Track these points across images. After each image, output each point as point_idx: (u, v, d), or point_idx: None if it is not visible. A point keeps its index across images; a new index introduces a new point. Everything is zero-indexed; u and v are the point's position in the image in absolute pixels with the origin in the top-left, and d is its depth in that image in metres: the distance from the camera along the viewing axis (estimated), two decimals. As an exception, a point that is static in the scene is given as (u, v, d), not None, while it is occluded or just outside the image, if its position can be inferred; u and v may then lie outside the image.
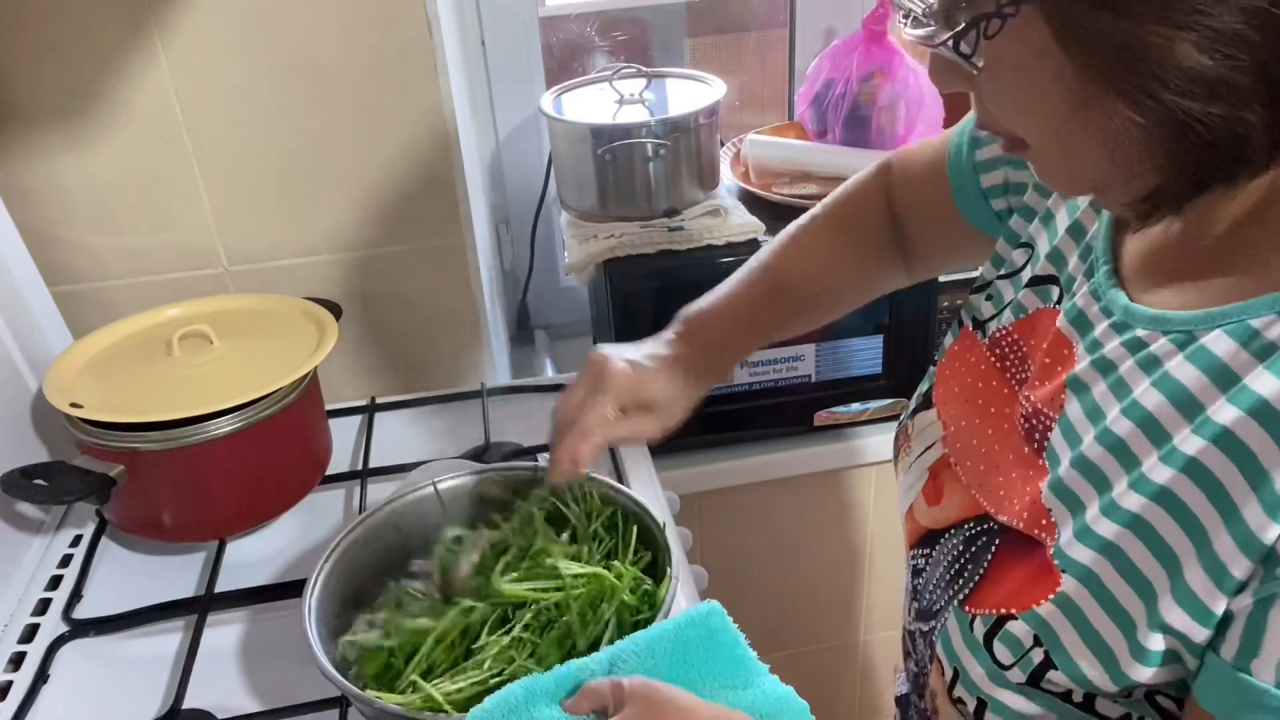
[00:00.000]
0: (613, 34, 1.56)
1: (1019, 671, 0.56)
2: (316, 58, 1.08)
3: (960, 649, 0.60)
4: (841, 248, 0.86)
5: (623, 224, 1.29)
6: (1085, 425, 0.57)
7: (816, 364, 1.34)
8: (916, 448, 0.73)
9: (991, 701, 0.58)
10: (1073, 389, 0.58)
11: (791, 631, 1.57)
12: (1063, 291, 0.64)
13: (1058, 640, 0.54)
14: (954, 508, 0.65)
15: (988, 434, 0.66)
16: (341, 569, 0.79)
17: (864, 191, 0.87)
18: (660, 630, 0.64)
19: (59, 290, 1.13)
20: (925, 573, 0.66)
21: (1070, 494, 0.56)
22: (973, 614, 0.60)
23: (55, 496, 0.92)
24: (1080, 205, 0.65)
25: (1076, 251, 0.64)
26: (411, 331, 1.26)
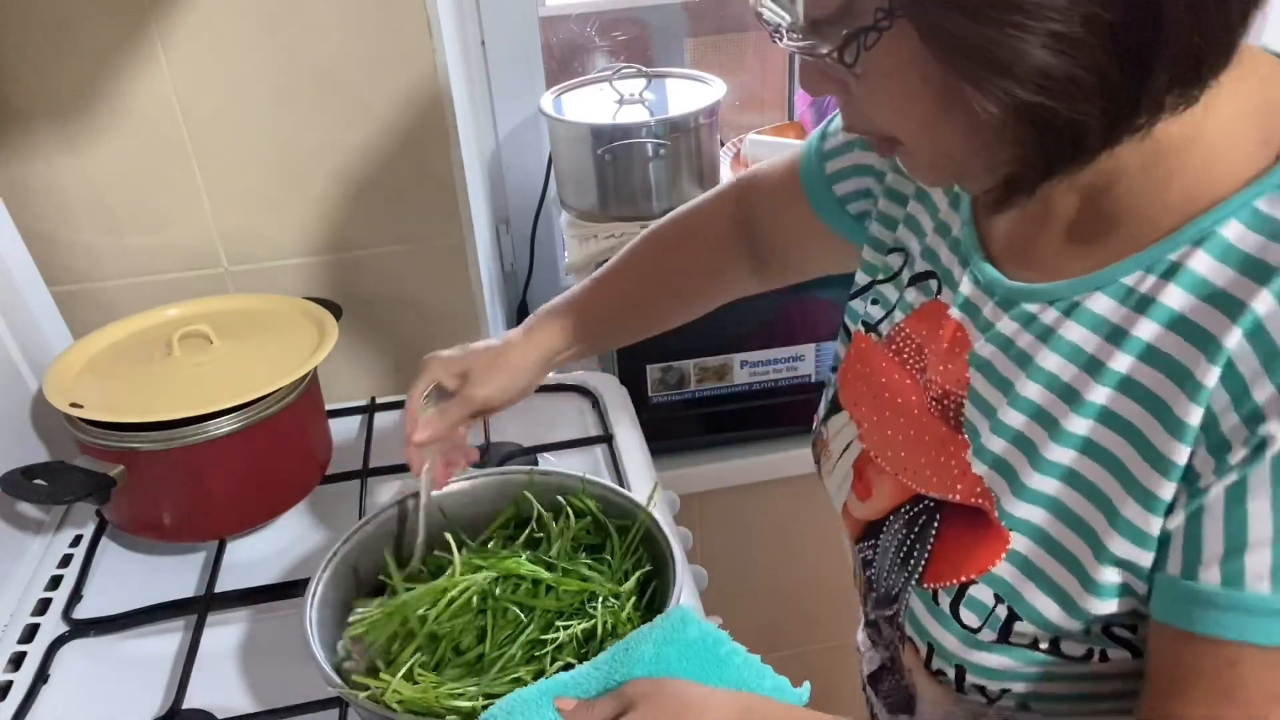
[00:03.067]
0: (613, 34, 1.56)
1: (989, 631, 0.60)
2: (316, 57, 1.08)
3: (929, 623, 0.63)
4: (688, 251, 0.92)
5: (623, 224, 1.29)
6: (995, 395, 0.62)
7: (816, 364, 1.34)
8: (835, 450, 0.77)
9: (969, 666, 0.62)
10: (975, 366, 0.64)
11: (791, 631, 1.57)
12: (941, 283, 0.69)
13: (1018, 594, 0.59)
14: (885, 497, 0.69)
15: (900, 422, 0.70)
16: (340, 576, 0.79)
17: (710, 207, 0.93)
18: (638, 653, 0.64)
19: (59, 290, 1.13)
20: (875, 562, 0.70)
21: (998, 459, 0.61)
22: (933, 588, 0.63)
23: (55, 496, 0.93)
24: (940, 207, 0.71)
25: (946, 246, 0.70)
26: (411, 331, 1.26)
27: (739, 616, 1.07)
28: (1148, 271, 0.55)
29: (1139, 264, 0.55)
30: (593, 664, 0.65)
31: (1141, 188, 0.55)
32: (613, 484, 0.86)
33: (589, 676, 0.64)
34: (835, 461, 0.76)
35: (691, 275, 0.93)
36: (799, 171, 0.84)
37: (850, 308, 0.80)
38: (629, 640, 0.66)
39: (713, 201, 0.93)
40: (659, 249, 0.93)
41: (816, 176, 0.83)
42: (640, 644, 0.65)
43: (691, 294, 0.94)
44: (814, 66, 0.57)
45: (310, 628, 0.73)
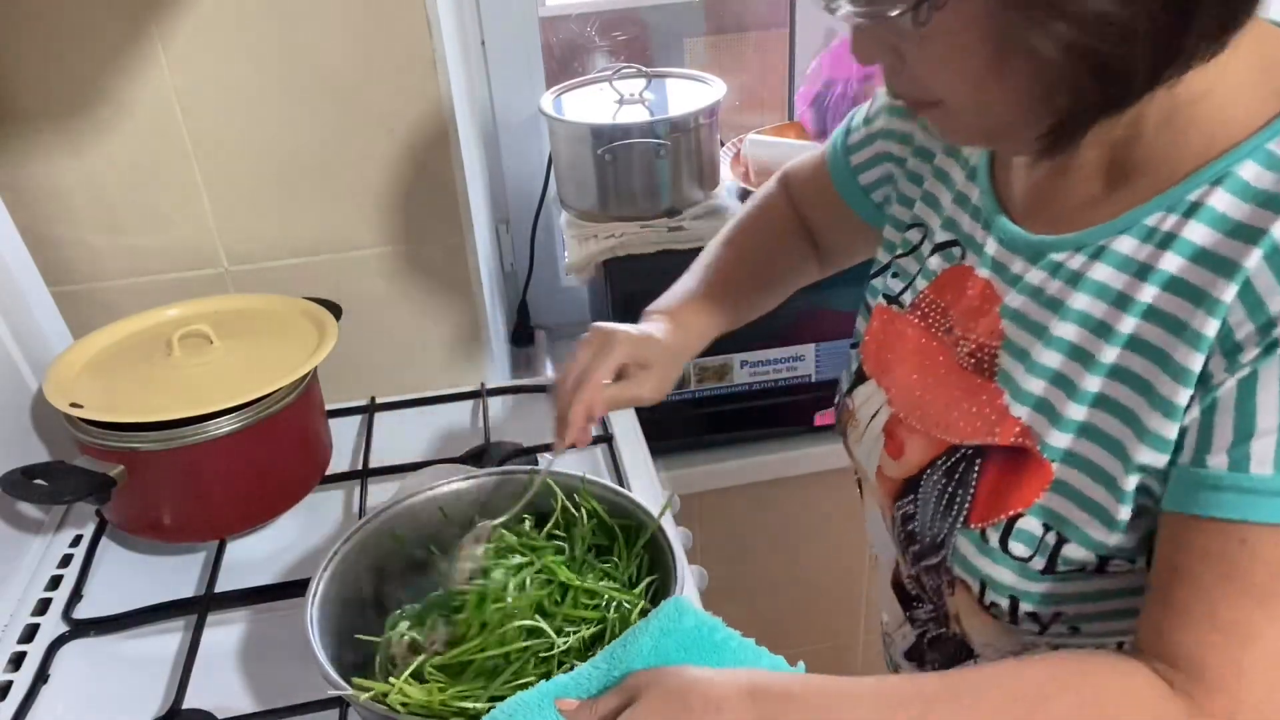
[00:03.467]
0: (613, 34, 1.56)
1: (1040, 559, 0.64)
2: (316, 57, 1.08)
3: (980, 561, 0.67)
4: (761, 254, 0.97)
5: (623, 224, 1.29)
6: (1030, 340, 0.66)
7: (816, 364, 1.34)
8: (863, 418, 0.81)
9: (1022, 595, 0.65)
10: (1008, 317, 0.68)
11: (791, 631, 1.57)
12: (964, 249, 0.74)
13: (1063, 518, 0.63)
14: (918, 453, 0.73)
15: (928, 382, 0.74)
16: (340, 576, 0.79)
17: (769, 204, 0.99)
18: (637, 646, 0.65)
19: (59, 290, 1.13)
20: (917, 515, 0.73)
21: (1038, 399, 0.65)
22: (980, 527, 0.67)
23: (55, 496, 0.93)
24: (957, 180, 0.77)
25: (967, 215, 0.75)
26: (411, 331, 1.26)
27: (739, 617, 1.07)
28: (1169, 211, 0.59)
29: (1160, 205, 0.60)
30: (591, 663, 0.65)
31: (1163, 137, 0.60)
32: (613, 484, 0.86)
33: (589, 676, 0.64)
34: (864, 429, 0.80)
35: (775, 264, 0.98)
36: (827, 165, 0.92)
37: (871, 285, 0.85)
38: (626, 636, 0.66)
39: (769, 199, 0.99)
40: (744, 244, 0.97)
41: (843, 169, 0.90)
42: (638, 637, 0.65)
43: (777, 282, 0.99)
44: (869, 34, 0.60)
45: (311, 627, 0.73)
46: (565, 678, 0.64)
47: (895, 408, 0.77)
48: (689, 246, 1.25)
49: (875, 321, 0.82)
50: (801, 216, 0.97)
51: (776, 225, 0.98)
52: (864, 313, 0.85)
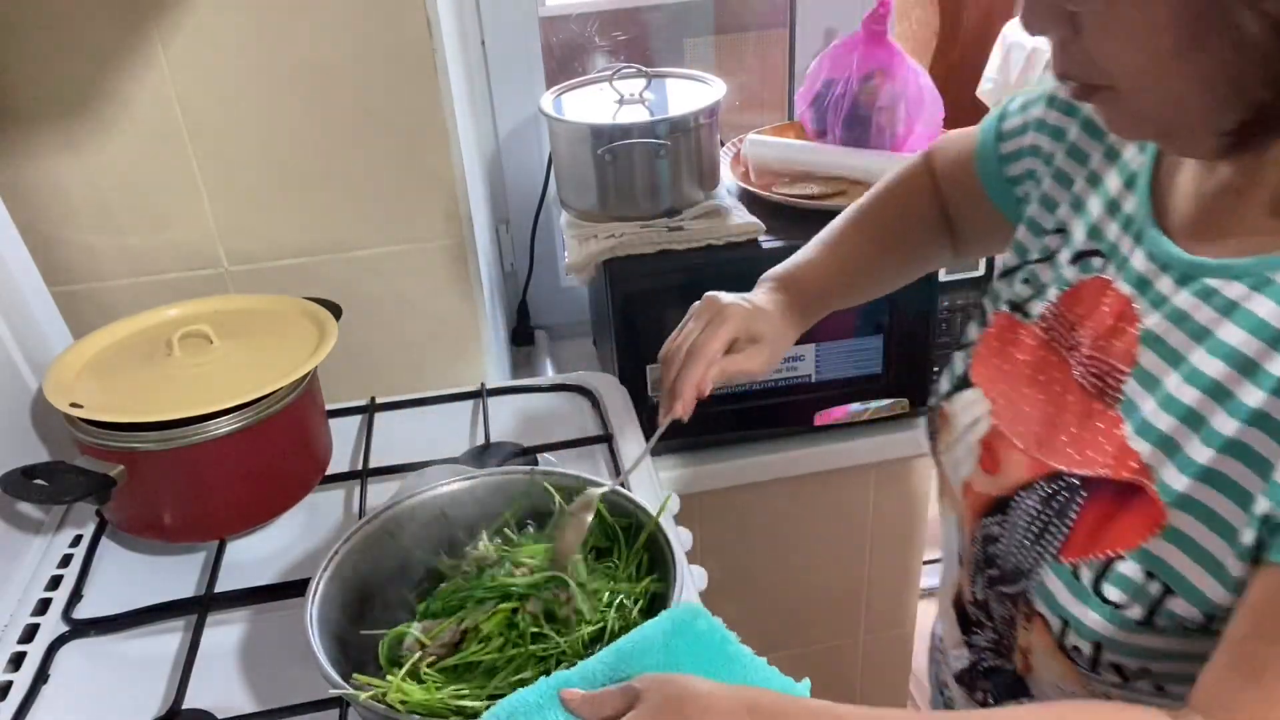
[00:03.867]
0: (613, 34, 1.56)
1: (1138, 608, 0.59)
2: (316, 58, 1.08)
3: (1066, 599, 0.62)
4: (891, 236, 0.94)
5: (623, 224, 1.29)
6: (1164, 369, 0.61)
7: (816, 364, 1.34)
8: (959, 425, 0.76)
9: (1109, 643, 0.61)
10: (1146, 342, 0.63)
11: (791, 631, 1.57)
12: (1106, 261, 0.69)
13: (1170, 567, 0.58)
14: (1015, 472, 0.69)
15: (1039, 400, 0.70)
16: (340, 576, 0.79)
17: (911, 177, 0.94)
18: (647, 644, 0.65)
19: (59, 290, 1.13)
20: (1003, 538, 0.68)
21: (1162, 435, 0.60)
22: (1073, 564, 0.62)
23: (55, 496, 0.92)
24: (1112, 187, 0.71)
25: (1116, 224, 0.69)
26: (411, 331, 1.26)
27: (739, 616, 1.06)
28: None
29: None
30: (598, 658, 0.65)
31: None
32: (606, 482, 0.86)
33: (595, 670, 0.64)
34: (958, 436, 0.76)
35: (906, 243, 0.94)
36: (974, 149, 0.86)
37: (993, 289, 0.80)
38: (636, 633, 0.66)
39: (911, 172, 0.94)
40: (877, 217, 0.94)
41: (990, 156, 0.84)
42: (650, 636, 0.65)
43: (904, 263, 0.96)
44: (1044, 2, 0.56)
45: (311, 627, 0.73)
46: (571, 672, 0.64)
47: (998, 420, 0.72)
48: (689, 246, 1.25)
49: (994, 328, 0.77)
50: (944, 195, 0.92)
51: (914, 202, 0.93)
52: (979, 316, 0.81)
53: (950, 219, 0.93)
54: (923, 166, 0.94)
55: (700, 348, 0.82)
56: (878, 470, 1.45)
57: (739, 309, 0.84)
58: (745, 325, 0.84)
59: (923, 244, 0.94)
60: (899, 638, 1.63)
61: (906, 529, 1.52)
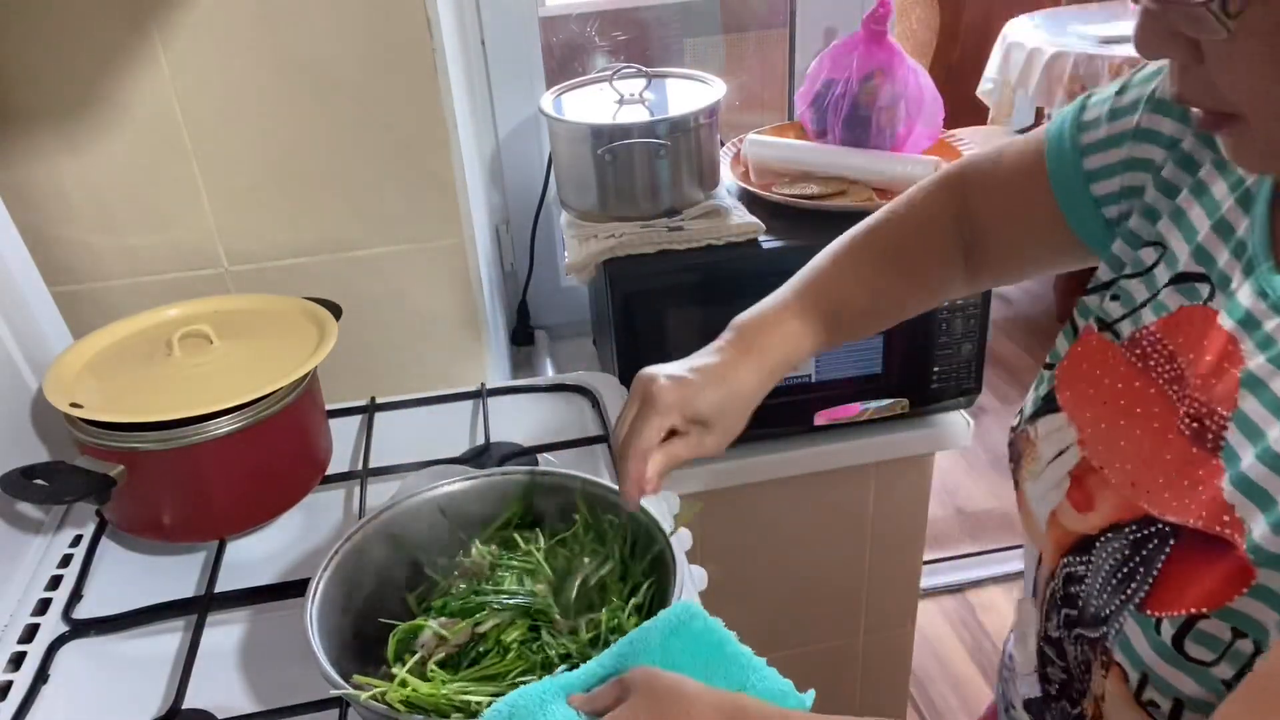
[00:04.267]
0: (613, 34, 1.56)
1: (1227, 667, 0.55)
2: (316, 58, 1.08)
3: (1146, 652, 0.59)
4: (899, 264, 0.85)
5: (623, 224, 1.29)
6: (1269, 420, 0.56)
7: (816, 364, 1.34)
8: (1046, 453, 0.71)
9: (1190, 701, 0.57)
10: (1248, 386, 0.58)
11: (791, 631, 1.57)
12: (1214, 289, 0.63)
13: (1262, 626, 0.54)
14: (1107, 512, 0.65)
15: (1136, 434, 0.65)
16: (340, 576, 0.79)
17: (927, 207, 0.86)
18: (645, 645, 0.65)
19: (59, 290, 1.13)
20: (1087, 580, 0.65)
21: (1258, 489, 0.55)
22: (1157, 616, 0.59)
23: (55, 496, 0.93)
24: (1223, 205, 0.65)
25: (1227, 249, 0.63)
26: (411, 331, 1.26)
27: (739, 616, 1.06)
28: None
29: None
30: (598, 660, 0.65)
31: None
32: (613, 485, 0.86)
33: (594, 673, 0.64)
34: (1045, 465, 0.71)
35: (910, 284, 0.86)
36: (1047, 167, 0.76)
37: (1084, 303, 0.74)
38: (635, 634, 0.66)
39: (927, 198, 0.86)
40: (878, 256, 0.85)
41: (1071, 172, 0.75)
42: (647, 635, 0.65)
43: (906, 303, 0.87)
44: (1161, 23, 0.52)
45: (311, 627, 0.73)
46: (572, 674, 0.64)
47: (1088, 453, 0.67)
48: (689, 246, 1.25)
49: (1082, 347, 0.71)
50: (974, 225, 0.83)
51: (922, 237, 0.84)
52: (1069, 332, 0.74)
53: (976, 244, 0.84)
54: (944, 192, 0.85)
55: (632, 445, 0.75)
56: (878, 470, 1.45)
57: (671, 393, 0.75)
58: (680, 410, 0.76)
59: (924, 285, 0.87)
60: (899, 638, 1.63)
61: (906, 529, 1.52)
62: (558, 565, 0.80)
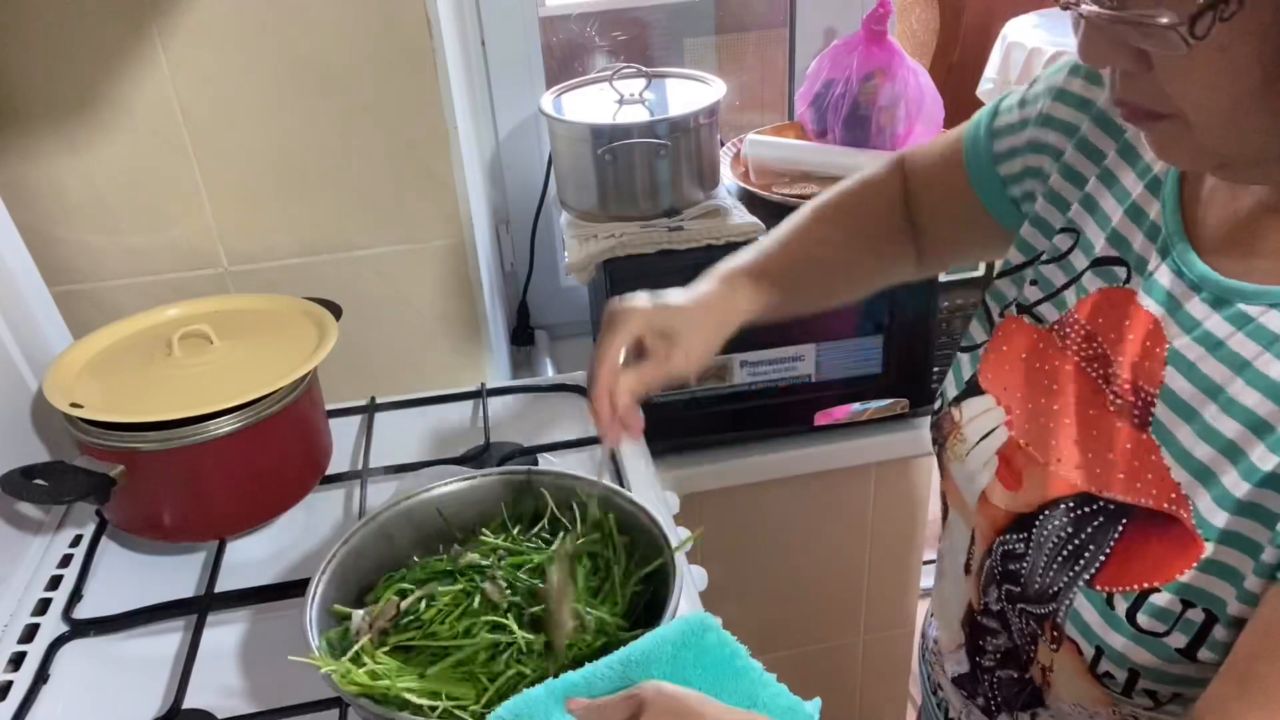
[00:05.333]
0: (613, 34, 1.56)
1: (1179, 636, 0.58)
2: (316, 58, 1.08)
3: (1100, 626, 0.61)
4: (854, 236, 0.88)
5: (623, 224, 1.29)
6: (1200, 398, 0.59)
7: (816, 364, 1.34)
8: (972, 435, 0.73)
9: (1145, 671, 0.60)
10: (1174, 364, 0.60)
11: (791, 631, 1.57)
12: (1131, 271, 0.66)
13: (1214, 597, 0.56)
14: (1039, 489, 0.66)
15: (1063, 413, 0.67)
16: (339, 578, 0.79)
17: (875, 185, 0.89)
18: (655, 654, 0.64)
19: (59, 290, 1.13)
20: (1028, 557, 0.66)
21: (1200, 465, 0.58)
22: (1107, 592, 0.61)
23: (55, 496, 0.92)
24: (1133, 191, 0.67)
25: (1141, 232, 0.66)
26: (411, 331, 1.26)
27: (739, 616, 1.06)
28: None
29: None
30: (605, 663, 0.64)
31: None
32: (615, 486, 0.86)
33: (602, 676, 0.63)
34: (972, 447, 0.73)
35: (863, 256, 0.89)
36: (962, 148, 0.82)
37: (996, 288, 0.77)
38: (645, 641, 0.65)
39: (876, 181, 0.89)
40: (835, 227, 0.88)
41: (983, 154, 0.80)
42: (658, 645, 0.64)
43: (861, 275, 0.90)
44: (1108, 35, 0.53)
45: (311, 629, 0.73)
46: (576, 675, 0.63)
47: (1016, 433, 0.69)
48: (689, 246, 1.25)
49: (1004, 331, 0.74)
50: (913, 206, 0.87)
51: (875, 214, 0.88)
52: (982, 317, 0.77)
53: (920, 227, 0.88)
54: (890, 175, 0.89)
55: (599, 375, 0.74)
56: (878, 470, 1.45)
57: (637, 310, 0.76)
58: (647, 323, 0.76)
59: (878, 259, 0.89)
60: (899, 638, 1.63)
61: (906, 529, 1.52)
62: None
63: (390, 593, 0.78)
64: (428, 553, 0.84)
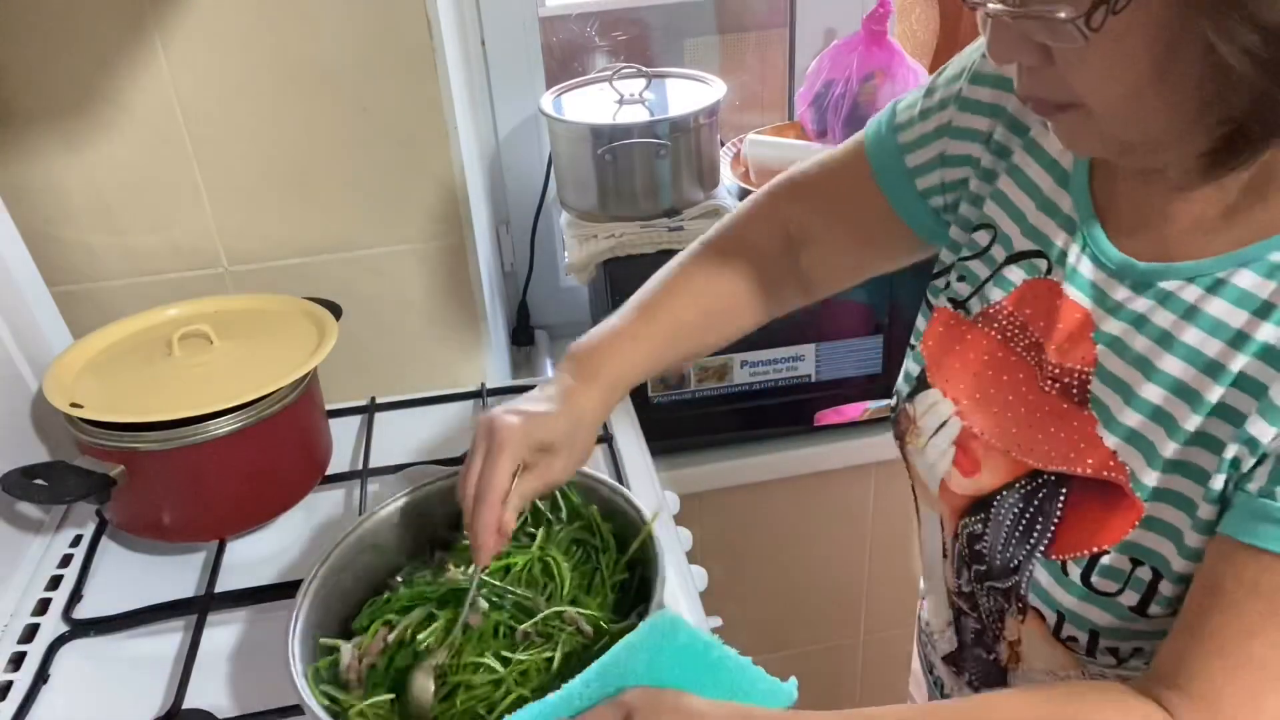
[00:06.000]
0: (613, 34, 1.56)
1: (1131, 594, 0.62)
2: (316, 58, 1.08)
3: (1058, 593, 0.65)
4: (730, 278, 0.87)
5: (623, 224, 1.29)
6: (1130, 372, 0.63)
7: (816, 364, 1.34)
8: (927, 427, 0.76)
9: (1104, 630, 0.64)
10: (1104, 343, 0.64)
11: (791, 631, 1.57)
12: (1051, 263, 0.69)
13: (1156, 553, 0.61)
14: (995, 472, 0.70)
15: (1007, 399, 0.70)
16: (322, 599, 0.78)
17: (752, 218, 0.88)
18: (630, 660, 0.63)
19: (59, 290, 1.13)
20: (987, 536, 0.70)
21: (1134, 433, 0.62)
22: (1061, 559, 0.64)
23: (55, 496, 0.93)
24: (1042, 185, 0.71)
25: (1055, 225, 0.69)
26: (411, 331, 1.26)
27: (739, 616, 1.07)
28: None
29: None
30: (581, 679, 0.63)
31: None
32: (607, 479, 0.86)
33: (579, 694, 0.62)
34: (928, 439, 0.76)
35: (742, 297, 0.88)
36: (870, 169, 0.82)
37: (933, 285, 0.80)
38: (618, 650, 0.64)
39: (754, 214, 0.89)
40: (708, 272, 0.87)
41: (897, 172, 0.80)
42: (632, 654, 0.64)
43: (742, 315, 0.89)
44: (1013, 32, 0.56)
45: (293, 643, 0.72)
46: (554, 697, 0.62)
47: (969, 422, 0.73)
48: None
49: (937, 325, 0.77)
50: (802, 234, 0.87)
51: (756, 251, 0.87)
52: (925, 311, 0.80)
53: (808, 254, 0.87)
54: (771, 206, 0.88)
55: (484, 490, 0.73)
56: (878, 470, 1.45)
57: (514, 430, 0.74)
58: (525, 442, 0.74)
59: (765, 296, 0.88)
60: (899, 638, 1.63)
61: (906, 529, 1.52)
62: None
63: (378, 624, 0.76)
64: (411, 558, 0.83)
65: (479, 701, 0.69)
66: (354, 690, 0.73)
